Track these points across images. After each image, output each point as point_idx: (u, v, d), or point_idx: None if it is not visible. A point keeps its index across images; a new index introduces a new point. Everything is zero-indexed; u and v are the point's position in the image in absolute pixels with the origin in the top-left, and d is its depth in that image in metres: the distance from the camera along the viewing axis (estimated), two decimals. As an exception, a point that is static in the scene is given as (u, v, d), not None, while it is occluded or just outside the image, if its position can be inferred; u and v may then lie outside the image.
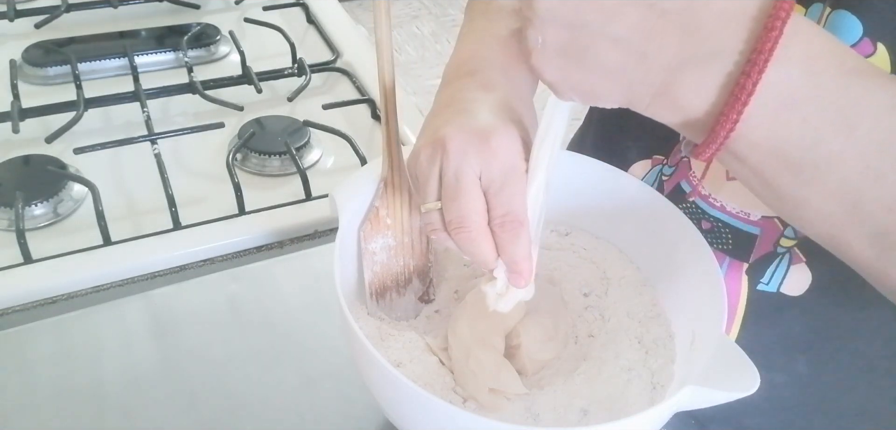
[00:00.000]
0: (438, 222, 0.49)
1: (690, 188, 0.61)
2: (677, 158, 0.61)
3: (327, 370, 0.60)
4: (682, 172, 0.61)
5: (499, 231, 0.47)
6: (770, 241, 0.58)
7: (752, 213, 0.58)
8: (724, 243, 0.60)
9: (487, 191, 0.47)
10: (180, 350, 0.61)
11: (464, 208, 0.47)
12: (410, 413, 0.47)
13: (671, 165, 0.62)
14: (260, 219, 0.74)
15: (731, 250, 0.59)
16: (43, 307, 0.65)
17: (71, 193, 0.74)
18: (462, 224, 0.47)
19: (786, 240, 0.57)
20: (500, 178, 0.47)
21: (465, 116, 0.49)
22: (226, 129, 0.83)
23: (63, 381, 0.58)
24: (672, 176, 0.62)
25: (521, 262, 0.48)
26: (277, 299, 0.66)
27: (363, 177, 0.57)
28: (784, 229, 0.57)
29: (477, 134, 0.47)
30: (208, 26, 1.01)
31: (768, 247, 0.58)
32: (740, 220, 0.59)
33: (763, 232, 0.58)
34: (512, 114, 0.50)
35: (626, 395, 0.51)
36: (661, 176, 0.63)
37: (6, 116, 0.81)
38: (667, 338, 0.54)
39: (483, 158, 0.47)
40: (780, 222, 0.57)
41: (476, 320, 0.53)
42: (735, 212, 0.58)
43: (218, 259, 0.71)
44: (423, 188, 0.49)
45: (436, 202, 0.48)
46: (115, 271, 0.68)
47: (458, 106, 0.50)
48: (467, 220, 0.47)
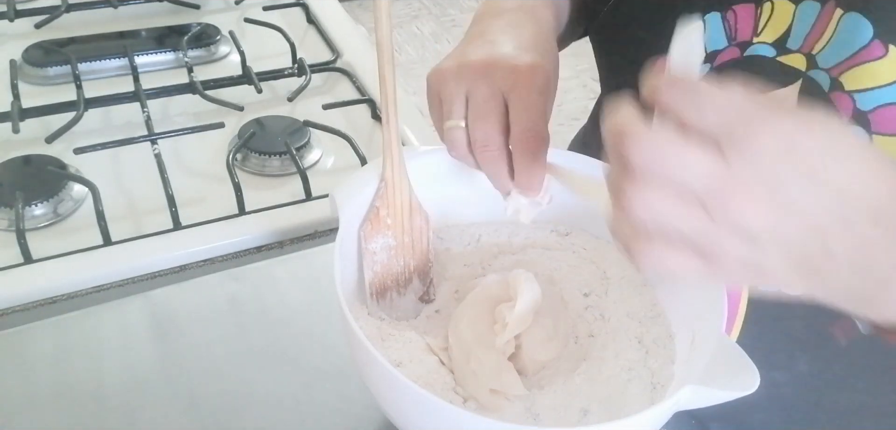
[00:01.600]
0: (462, 141, 0.50)
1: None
2: None
3: (327, 370, 0.60)
4: None
5: (520, 146, 0.49)
6: None
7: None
8: None
9: (512, 112, 0.49)
10: (180, 350, 0.61)
11: (490, 128, 0.49)
12: (410, 413, 0.47)
13: None
14: (260, 219, 0.74)
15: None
16: (43, 307, 0.65)
17: (71, 193, 0.74)
18: (487, 143, 0.49)
19: None
20: (525, 100, 0.48)
21: (495, 46, 0.51)
22: (226, 129, 0.83)
23: (63, 381, 0.58)
24: None
25: (535, 181, 0.49)
26: (277, 299, 0.66)
27: (363, 177, 0.57)
28: None
29: (505, 60, 0.49)
30: (208, 26, 1.01)
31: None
32: None
33: None
34: (538, 49, 0.52)
35: (626, 395, 0.51)
36: None
37: (6, 116, 0.81)
38: (667, 338, 0.54)
39: (510, 82, 0.49)
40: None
41: (477, 321, 0.53)
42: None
43: (218, 259, 0.71)
44: (449, 107, 0.50)
45: (460, 120, 0.50)
46: (115, 271, 0.68)
47: (488, 37, 0.53)
48: (492, 140, 0.49)
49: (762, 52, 0.55)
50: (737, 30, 0.56)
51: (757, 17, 0.55)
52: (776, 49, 0.54)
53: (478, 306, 0.54)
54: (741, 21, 0.55)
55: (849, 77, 0.51)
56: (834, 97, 0.52)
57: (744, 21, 0.55)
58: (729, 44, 0.56)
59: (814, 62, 0.53)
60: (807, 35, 0.53)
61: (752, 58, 0.55)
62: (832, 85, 0.52)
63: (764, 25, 0.54)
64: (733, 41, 0.56)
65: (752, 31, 0.55)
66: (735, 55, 0.56)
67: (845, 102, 0.52)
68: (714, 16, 0.56)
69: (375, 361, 0.44)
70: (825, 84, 0.52)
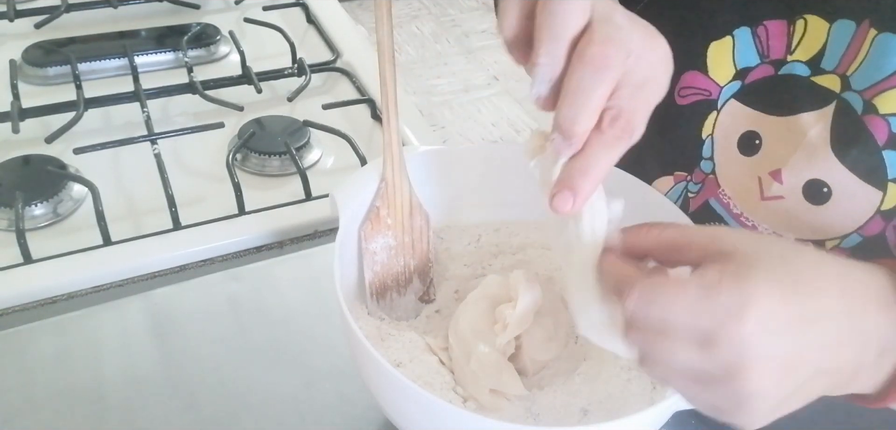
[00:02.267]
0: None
1: (721, 207, 0.60)
2: (701, 176, 0.61)
3: (327, 370, 0.60)
4: (709, 189, 0.60)
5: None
6: None
7: (785, 235, 0.57)
8: None
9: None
10: (180, 350, 0.61)
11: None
12: (410, 413, 0.47)
13: (696, 182, 0.61)
14: (260, 219, 0.74)
15: None
16: (43, 307, 0.65)
17: (71, 193, 0.74)
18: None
19: None
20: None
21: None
22: (226, 129, 0.83)
23: (63, 381, 0.58)
24: (698, 193, 0.61)
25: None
26: (277, 299, 0.66)
27: (363, 177, 0.57)
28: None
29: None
30: (208, 26, 1.01)
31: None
32: None
33: None
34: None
35: (626, 395, 0.51)
36: (687, 193, 0.62)
37: (6, 116, 0.81)
38: (667, 338, 0.54)
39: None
40: (814, 246, 0.56)
41: (477, 321, 0.53)
42: (768, 233, 0.58)
43: (218, 259, 0.71)
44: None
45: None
46: (115, 271, 0.68)
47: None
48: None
49: (797, 71, 0.54)
50: (769, 47, 0.54)
51: (790, 34, 0.53)
52: (810, 69, 0.53)
53: (478, 306, 0.54)
54: (773, 37, 0.54)
55: (882, 100, 0.50)
56: (868, 120, 0.51)
57: (776, 38, 0.54)
58: (761, 61, 0.55)
59: (848, 84, 0.51)
60: (842, 55, 0.51)
61: (786, 77, 0.54)
62: (866, 108, 0.51)
63: (797, 43, 0.53)
64: (766, 58, 0.55)
65: (785, 49, 0.54)
66: (769, 73, 0.55)
67: (880, 126, 0.50)
68: (744, 30, 0.55)
69: (375, 361, 0.44)
70: (858, 107, 0.51)
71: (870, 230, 0.53)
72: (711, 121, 0.58)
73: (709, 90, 0.57)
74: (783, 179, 0.55)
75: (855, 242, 0.54)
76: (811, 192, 0.54)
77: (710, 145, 0.59)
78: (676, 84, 0.59)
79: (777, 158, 0.55)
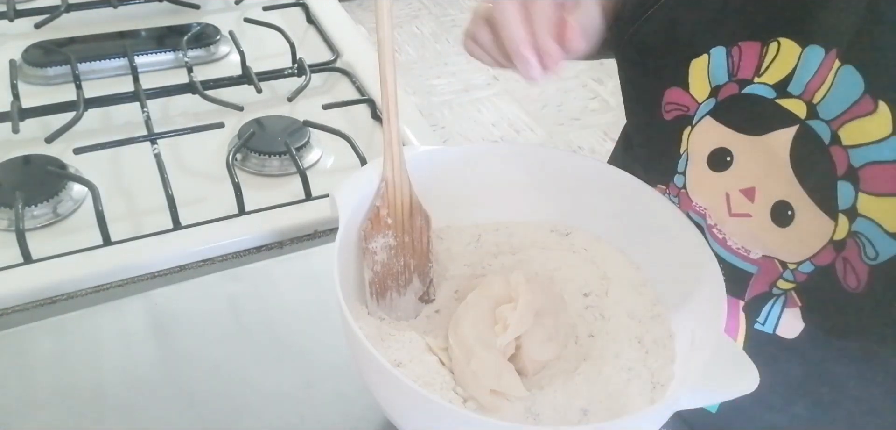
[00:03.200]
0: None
1: (699, 218, 0.61)
2: (675, 190, 0.62)
3: (327, 370, 0.60)
4: (684, 203, 0.62)
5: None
6: (766, 281, 0.58)
7: (752, 251, 0.58)
8: None
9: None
10: (180, 350, 0.61)
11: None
12: (410, 413, 0.47)
13: (672, 194, 0.63)
14: (260, 219, 0.74)
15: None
16: (43, 307, 0.65)
17: (71, 193, 0.74)
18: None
19: (783, 282, 0.57)
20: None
21: None
22: (226, 129, 0.83)
23: (63, 381, 0.58)
24: (678, 205, 0.62)
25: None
26: (277, 299, 0.66)
27: (363, 177, 0.57)
28: (783, 271, 0.57)
29: None
30: (208, 26, 1.01)
31: (764, 287, 0.58)
32: (739, 256, 0.59)
33: (760, 271, 0.58)
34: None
35: (626, 394, 0.51)
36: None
37: (6, 116, 0.81)
38: (666, 338, 0.54)
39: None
40: (779, 264, 0.57)
41: (477, 321, 0.53)
42: (735, 248, 0.59)
43: (218, 259, 0.71)
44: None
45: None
46: (115, 271, 0.68)
47: None
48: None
49: (761, 93, 0.55)
50: (739, 66, 0.56)
51: (761, 57, 0.55)
52: (776, 91, 0.54)
53: (478, 306, 0.54)
54: (745, 58, 0.55)
55: (845, 131, 0.51)
56: (832, 151, 0.51)
57: (748, 59, 0.55)
58: (729, 79, 0.57)
59: (814, 112, 0.52)
60: (808, 82, 0.52)
61: (750, 96, 0.55)
62: (832, 138, 0.51)
63: (767, 66, 0.54)
64: (734, 77, 0.56)
65: (754, 71, 0.55)
66: (733, 91, 0.56)
67: (841, 157, 0.51)
68: (719, 50, 0.56)
69: (375, 361, 0.44)
70: (826, 136, 0.52)
71: (821, 260, 0.54)
72: (687, 135, 0.60)
73: (687, 106, 0.59)
74: (755, 197, 0.56)
75: (808, 269, 0.55)
76: (777, 212, 0.55)
77: (685, 160, 0.60)
78: (661, 99, 0.60)
79: (749, 176, 0.57)
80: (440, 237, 0.62)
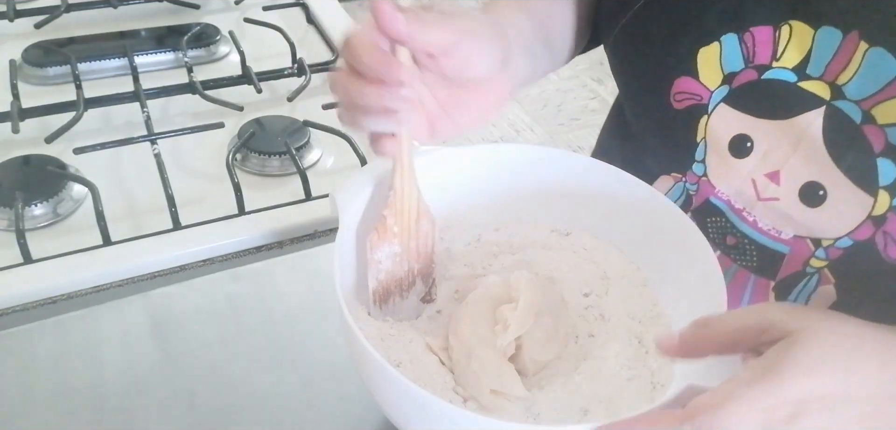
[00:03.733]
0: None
1: (723, 204, 0.60)
2: (695, 178, 0.61)
3: (327, 370, 0.60)
4: (705, 190, 0.61)
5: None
6: (800, 260, 0.58)
7: (784, 231, 0.58)
8: (748, 260, 0.60)
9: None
10: (180, 350, 0.61)
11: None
12: (410, 413, 0.47)
13: (691, 182, 0.62)
14: (260, 219, 0.74)
15: (755, 268, 0.60)
16: (43, 307, 0.65)
17: (71, 193, 0.74)
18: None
19: (816, 260, 0.57)
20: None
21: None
22: (226, 129, 0.83)
23: (63, 381, 0.58)
24: (697, 192, 0.62)
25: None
26: (277, 299, 0.66)
27: (363, 177, 0.57)
28: (815, 249, 0.57)
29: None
30: (208, 26, 1.01)
31: (797, 266, 0.58)
32: (771, 237, 0.59)
33: (793, 251, 0.58)
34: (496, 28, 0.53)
35: (626, 395, 0.51)
36: (687, 191, 0.62)
37: (6, 116, 0.81)
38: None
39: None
40: (811, 243, 0.57)
41: (478, 321, 0.53)
42: (766, 229, 0.58)
43: (218, 259, 0.71)
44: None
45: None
46: (115, 271, 0.68)
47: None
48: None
49: (783, 77, 0.55)
50: (755, 52, 0.56)
51: (776, 41, 0.54)
52: (797, 74, 0.54)
53: (479, 306, 0.54)
54: (759, 44, 0.55)
55: (880, 110, 0.51)
56: (866, 130, 0.52)
57: (762, 44, 0.55)
58: (745, 65, 0.56)
59: (841, 93, 0.53)
60: (828, 63, 0.53)
61: (770, 82, 0.55)
62: (864, 117, 0.52)
63: (783, 50, 0.54)
64: (751, 63, 0.56)
65: (771, 55, 0.55)
66: (752, 77, 0.56)
67: (878, 136, 0.52)
68: (730, 37, 0.56)
69: (375, 361, 0.44)
70: (856, 116, 0.52)
71: (860, 235, 0.54)
72: (704, 124, 0.59)
73: (700, 95, 0.58)
74: (781, 180, 0.56)
75: (846, 244, 0.55)
76: (807, 194, 0.55)
77: (703, 148, 0.60)
78: (671, 88, 0.59)
79: (773, 160, 0.56)
80: (440, 237, 0.62)
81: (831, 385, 0.38)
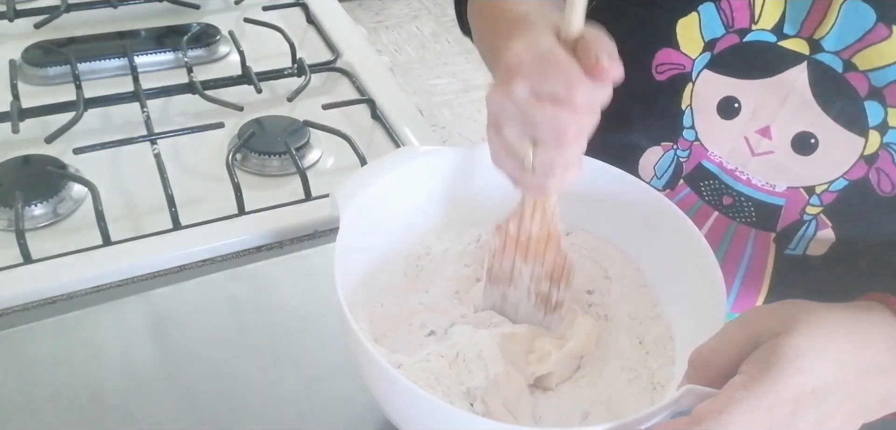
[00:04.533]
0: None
1: (715, 166, 0.62)
2: (686, 143, 0.63)
3: (327, 370, 0.60)
4: (697, 154, 0.63)
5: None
6: (796, 210, 0.60)
7: (777, 185, 0.60)
8: (746, 216, 0.62)
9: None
10: (180, 350, 0.61)
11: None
12: (410, 413, 0.47)
13: (682, 149, 0.63)
14: (260, 219, 0.74)
15: (754, 222, 0.61)
16: (43, 307, 0.65)
17: (71, 193, 0.74)
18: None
19: (811, 207, 0.59)
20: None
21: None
22: (226, 129, 0.83)
23: (63, 381, 0.58)
24: (689, 158, 0.63)
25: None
26: (277, 299, 0.66)
27: (364, 177, 0.57)
28: (809, 198, 0.59)
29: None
30: (208, 26, 1.01)
31: (794, 215, 0.60)
32: (765, 192, 0.60)
33: (788, 202, 0.60)
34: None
35: (627, 396, 0.51)
36: (678, 159, 0.64)
37: (6, 116, 0.81)
38: (667, 339, 0.54)
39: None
40: (804, 191, 0.59)
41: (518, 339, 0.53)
42: (760, 185, 0.60)
43: (218, 259, 0.71)
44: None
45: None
46: (115, 271, 0.68)
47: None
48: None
49: (763, 38, 0.57)
50: (733, 18, 0.57)
51: (751, 4, 0.56)
52: (776, 35, 0.56)
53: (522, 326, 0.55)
54: (737, 9, 0.57)
55: (861, 58, 0.54)
56: (849, 77, 0.54)
57: (739, 9, 0.57)
58: (726, 31, 0.58)
59: (819, 47, 0.55)
60: (804, 21, 0.55)
61: (752, 44, 0.57)
62: (846, 66, 0.54)
63: (760, 12, 0.56)
64: (731, 28, 0.58)
65: (749, 19, 0.57)
66: (734, 41, 0.58)
67: (861, 81, 0.54)
68: (708, 6, 0.57)
69: (375, 361, 0.44)
70: (838, 66, 0.55)
71: (854, 174, 0.57)
72: (689, 92, 0.61)
73: (683, 64, 0.60)
74: (772, 135, 0.58)
75: (841, 186, 0.58)
76: (799, 144, 0.58)
77: (690, 115, 0.61)
78: (652, 61, 0.61)
79: (763, 116, 0.58)
80: (440, 238, 0.62)
81: (818, 377, 0.40)
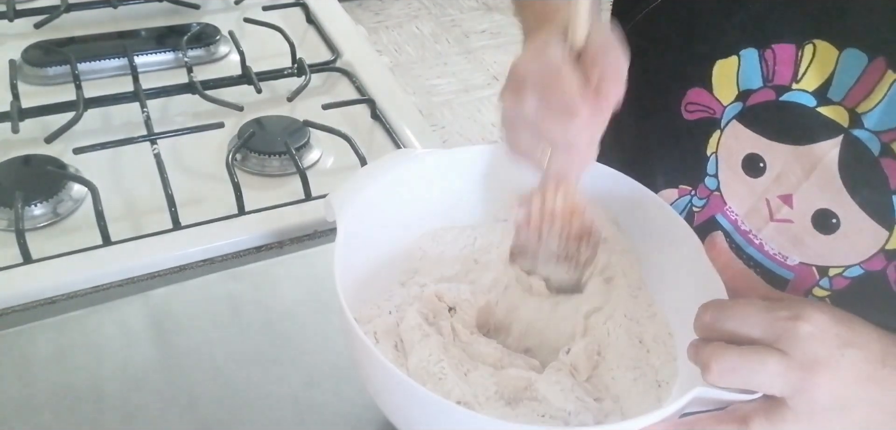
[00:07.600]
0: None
1: (729, 223, 0.59)
2: (706, 191, 0.60)
3: (327, 370, 0.60)
4: (715, 205, 0.60)
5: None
6: (802, 288, 0.57)
7: (789, 256, 0.57)
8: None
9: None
10: (180, 350, 0.61)
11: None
12: (410, 413, 0.47)
13: (700, 197, 0.61)
14: (260, 219, 0.74)
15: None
16: (43, 307, 0.64)
17: (71, 193, 0.74)
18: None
19: (819, 290, 0.56)
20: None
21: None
22: (225, 129, 0.83)
23: (63, 381, 0.58)
24: (703, 208, 0.61)
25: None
26: (277, 299, 0.66)
27: (361, 178, 0.57)
28: (820, 278, 0.56)
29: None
30: (208, 26, 1.01)
31: (799, 294, 0.57)
32: (775, 262, 0.58)
33: (796, 278, 0.57)
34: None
35: (633, 393, 0.51)
36: (692, 207, 0.61)
37: (6, 116, 0.81)
38: (666, 336, 0.54)
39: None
40: (816, 271, 0.56)
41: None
42: (772, 253, 0.57)
43: (218, 259, 0.71)
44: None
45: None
46: (114, 271, 0.68)
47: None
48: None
49: (801, 101, 0.53)
50: (775, 71, 0.53)
51: (797, 61, 0.52)
52: (817, 99, 0.52)
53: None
54: (781, 63, 0.53)
55: None
56: (884, 163, 0.50)
57: (783, 63, 0.53)
58: (763, 84, 0.54)
59: (859, 122, 0.51)
60: (851, 88, 0.51)
61: (788, 104, 0.53)
62: (883, 150, 0.50)
63: (805, 71, 0.52)
64: (769, 83, 0.54)
65: (791, 76, 0.53)
66: (769, 97, 0.54)
67: (894, 169, 0.50)
68: (751, 52, 0.54)
69: (375, 361, 0.44)
70: (874, 148, 0.50)
71: (872, 265, 0.54)
72: (715, 139, 0.58)
73: (713, 108, 0.57)
74: (794, 204, 0.55)
75: (856, 273, 0.54)
76: (820, 220, 0.54)
77: (715, 163, 0.58)
78: (683, 99, 0.58)
79: (786, 184, 0.55)
80: (436, 240, 0.62)
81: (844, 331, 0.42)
